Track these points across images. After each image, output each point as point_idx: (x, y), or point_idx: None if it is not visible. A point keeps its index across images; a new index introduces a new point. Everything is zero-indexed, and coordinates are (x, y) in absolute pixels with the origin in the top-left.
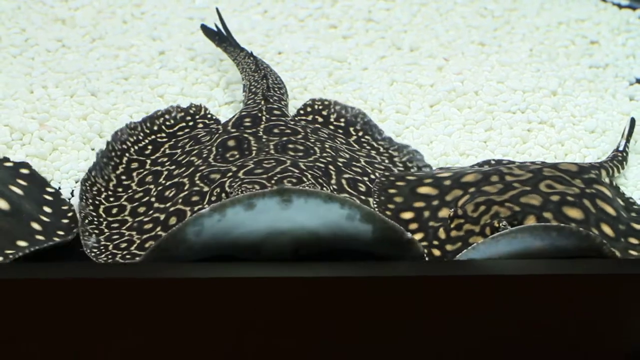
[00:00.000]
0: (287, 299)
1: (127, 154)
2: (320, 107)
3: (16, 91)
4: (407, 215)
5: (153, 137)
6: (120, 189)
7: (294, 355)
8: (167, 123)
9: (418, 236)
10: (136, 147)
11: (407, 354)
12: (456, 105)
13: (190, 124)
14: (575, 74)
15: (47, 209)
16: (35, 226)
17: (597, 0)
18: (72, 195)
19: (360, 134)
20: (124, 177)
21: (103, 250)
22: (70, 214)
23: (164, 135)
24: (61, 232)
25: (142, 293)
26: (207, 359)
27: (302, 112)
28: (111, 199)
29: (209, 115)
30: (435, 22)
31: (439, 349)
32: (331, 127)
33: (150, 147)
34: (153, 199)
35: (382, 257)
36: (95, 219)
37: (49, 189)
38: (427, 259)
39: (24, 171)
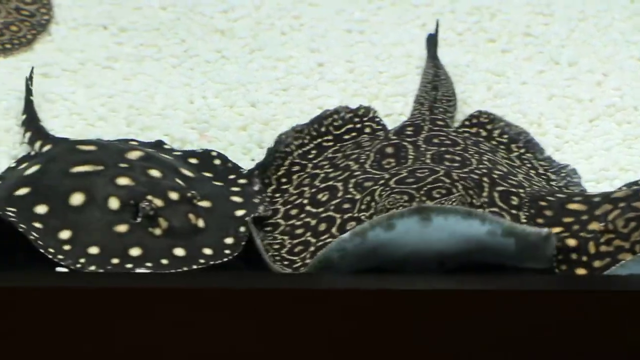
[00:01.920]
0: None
1: (290, 157)
2: (486, 121)
3: (176, 101)
4: (557, 229)
5: (319, 140)
6: (277, 195)
7: None
8: (335, 124)
9: (572, 242)
10: (300, 152)
11: None
12: (615, 121)
13: (358, 126)
14: None
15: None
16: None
17: None
18: None
19: (522, 151)
20: (284, 180)
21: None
22: None
23: (330, 138)
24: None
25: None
26: None
27: (467, 122)
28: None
29: (377, 119)
30: (594, 37)
31: None
32: (493, 142)
33: (314, 152)
34: (305, 201)
35: (527, 268)
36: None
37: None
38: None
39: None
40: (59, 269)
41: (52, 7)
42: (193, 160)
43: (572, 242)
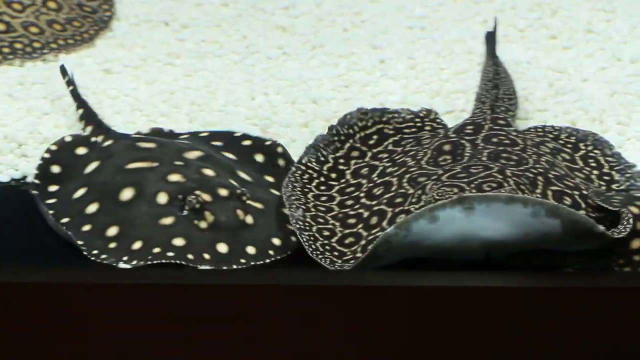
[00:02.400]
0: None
1: (350, 140)
2: (550, 130)
3: (237, 98)
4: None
5: (381, 126)
6: (333, 175)
7: None
8: (396, 120)
9: (637, 243)
10: (362, 135)
11: None
12: None
13: (419, 124)
14: None
15: None
16: None
17: None
18: None
19: (590, 148)
20: (341, 161)
21: (307, 228)
22: None
23: (391, 127)
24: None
25: None
26: None
27: (532, 129)
28: (322, 187)
29: (438, 120)
30: None
31: None
32: (560, 141)
33: (375, 136)
34: (362, 195)
35: (577, 252)
36: (302, 198)
37: None
38: None
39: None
40: (122, 265)
41: (114, 4)
42: (259, 158)
43: (636, 243)
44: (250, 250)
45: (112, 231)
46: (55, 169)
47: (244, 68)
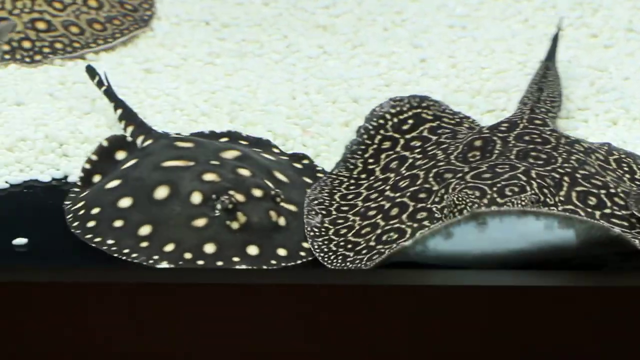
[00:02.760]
0: None
1: (381, 131)
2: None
3: (278, 97)
4: None
5: (418, 110)
6: (363, 176)
7: None
8: (437, 109)
9: None
10: (395, 120)
11: None
12: None
13: (458, 120)
14: None
15: None
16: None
17: None
18: None
19: (623, 156)
20: (371, 161)
21: (323, 233)
22: None
23: (430, 113)
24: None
25: None
26: None
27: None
28: (351, 188)
29: (476, 123)
30: None
31: None
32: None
33: (411, 121)
34: (387, 187)
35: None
36: (327, 201)
37: None
38: None
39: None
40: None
41: (154, 3)
42: (298, 165)
43: None
44: (281, 252)
45: (145, 230)
46: (97, 179)
47: (285, 67)
